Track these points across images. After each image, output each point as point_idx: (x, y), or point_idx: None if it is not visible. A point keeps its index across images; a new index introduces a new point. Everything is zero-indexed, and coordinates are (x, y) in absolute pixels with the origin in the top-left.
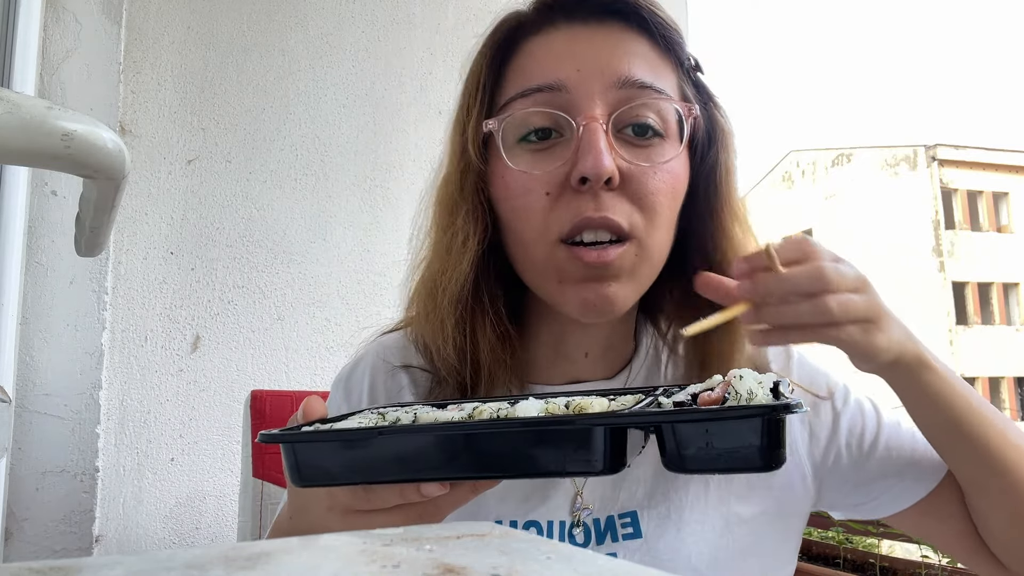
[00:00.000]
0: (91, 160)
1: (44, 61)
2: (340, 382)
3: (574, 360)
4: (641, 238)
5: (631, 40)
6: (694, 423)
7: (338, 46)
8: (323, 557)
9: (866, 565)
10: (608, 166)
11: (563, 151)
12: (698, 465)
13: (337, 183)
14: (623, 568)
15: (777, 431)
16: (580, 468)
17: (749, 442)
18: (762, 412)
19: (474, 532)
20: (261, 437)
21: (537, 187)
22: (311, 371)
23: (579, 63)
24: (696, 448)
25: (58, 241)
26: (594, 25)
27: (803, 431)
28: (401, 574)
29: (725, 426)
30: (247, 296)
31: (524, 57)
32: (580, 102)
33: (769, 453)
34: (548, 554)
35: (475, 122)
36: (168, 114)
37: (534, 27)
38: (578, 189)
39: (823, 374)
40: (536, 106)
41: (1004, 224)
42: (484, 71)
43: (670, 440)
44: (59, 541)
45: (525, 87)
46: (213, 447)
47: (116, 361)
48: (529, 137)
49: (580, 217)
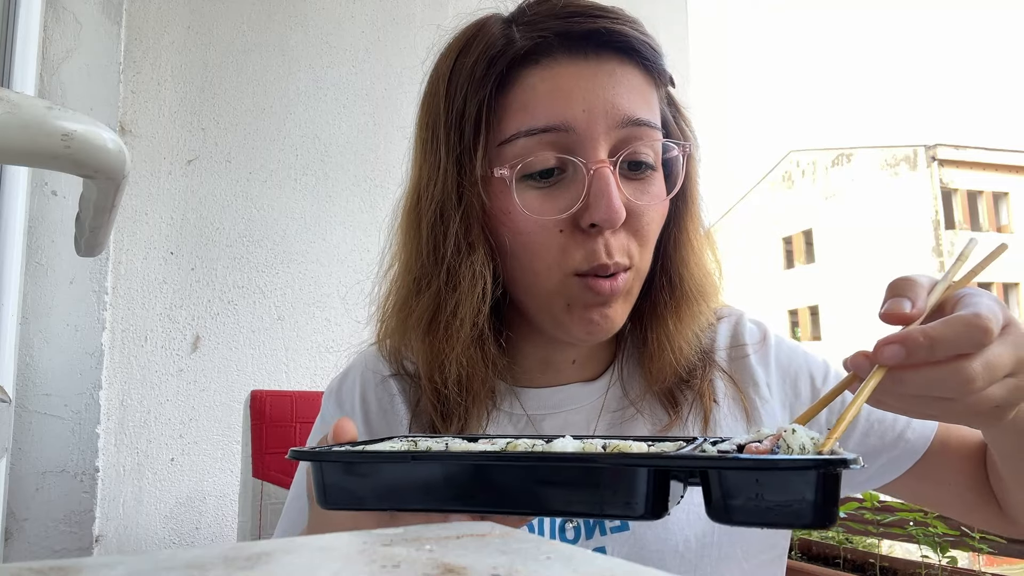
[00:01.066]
0: (91, 160)
1: (44, 61)
2: (331, 393)
3: (560, 368)
4: (637, 265)
5: (628, 74)
6: (744, 471)
7: (338, 46)
8: (323, 557)
9: (866, 565)
10: (622, 214)
11: (570, 189)
12: (745, 517)
13: (337, 183)
14: (623, 568)
15: (834, 486)
16: (619, 511)
17: (803, 496)
18: (818, 464)
19: (474, 532)
20: (291, 454)
21: (549, 225)
22: (311, 371)
23: (585, 103)
24: (745, 499)
25: (58, 241)
26: (594, 60)
27: (783, 412)
28: (401, 574)
29: (778, 476)
30: (247, 296)
31: (525, 91)
32: (587, 144)
33: (824, 509)
34: (548, 554)
35: (481, 163)
36: (168, 114)
37: (532, 57)
38: (588, 230)
39: (802, 354)
40: (543, 146)
41: (1004, 224)
42: (485, 108)
43: (716, 488)
44: (59, 541)
45: (532, 126)
46: (213, 447)
47: (116, 361)
48: (534, 176)
49: (596, 263)
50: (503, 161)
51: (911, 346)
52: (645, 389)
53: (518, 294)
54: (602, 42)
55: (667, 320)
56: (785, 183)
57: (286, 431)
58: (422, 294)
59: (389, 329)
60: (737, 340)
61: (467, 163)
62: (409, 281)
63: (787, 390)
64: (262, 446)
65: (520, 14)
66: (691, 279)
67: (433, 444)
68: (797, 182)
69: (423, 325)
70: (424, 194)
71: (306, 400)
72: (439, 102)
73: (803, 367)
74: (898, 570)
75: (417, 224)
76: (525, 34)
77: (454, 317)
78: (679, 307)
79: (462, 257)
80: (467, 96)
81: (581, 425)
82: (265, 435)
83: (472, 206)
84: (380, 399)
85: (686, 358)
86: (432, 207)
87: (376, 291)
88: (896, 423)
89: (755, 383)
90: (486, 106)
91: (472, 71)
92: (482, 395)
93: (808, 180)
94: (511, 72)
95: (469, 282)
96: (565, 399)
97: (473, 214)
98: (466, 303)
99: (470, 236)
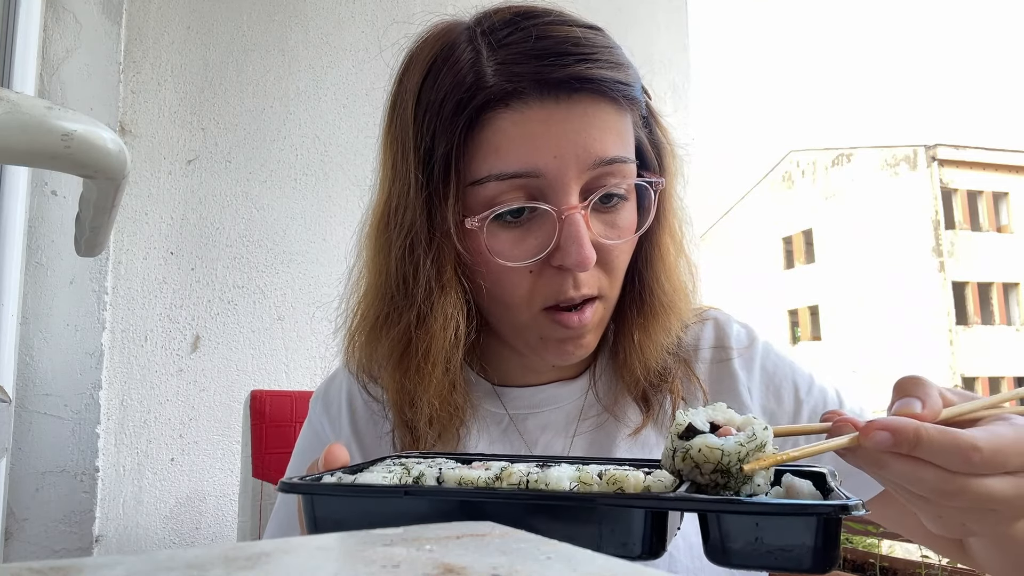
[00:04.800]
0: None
1: (44, 61)
2: (319, 398)
3: (540, 369)
4: (607, 295)
5: (600, 112)
6: (744, 515)
7: (338, 46)
8: (323, 557)
9: (866, 565)
10: (592, 259)
11: (541, 230)
12: (743, 560)
13: (337, 183)
14: (623, 568)
15: (834, 531)
16: (615, 551)
17: (803, 541)
18: (819, 511)
19: (474, 532)
20: (281, 487)
21: (520, 266)
22: (311, 371)
23: (555, 149)
24: (744, 542)
25: (58, 241)
26: (565, 103)
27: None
28: (401, 574)
29: (778, 521)
30: (247, 296)
31: (496, 134)
32: (558, 189)
33: (824, 555)
34: (548, 554)
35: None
36: (168, 114)
37: (502, 98)
38: (558, 268)
39: (788, 363)
40: (514, 190)
41: (1004, 224)
42: (454, 149)
43: (715, 530)
44: (59, 541)
45: (502, 171)
46: (213, 447)
47: (116, 361)
48: (504, 216)
49: (563, 297)
50: (473, 203)
51: (899, 439)
52: (619, 392)
53: (492, 322)
54: (575, 88)
55: (634, 335)
56: (785, 183)
57: (286, 431)
58: (392, 327)
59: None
60: (721, 342)
61: (437, 205)
62: (378, 307)
63: (769, 396)
64: (262, 446)
65: (489, 43)
66: (662, 294)
67: (425, 468)
68: (797, 182)
69: (393, 359)
70: (393, 220)
71: (306, 400)
72: (407, 124)
73: (788, 375)
74: (898, 570)
75: (387, 249)
76: (496, 75)
77: (426, 360)
78: (646, 323)
79: (433, 300)
80: (436, 134)
81: (562, 424)
82: (265, 435)
83: (443, 250)
84: (367, 401)
85: (655, 365)
86: (401, 238)
87: (346, 304)
88: None
89: (735, 386)
90: (455, 148)
91: (440, 109)
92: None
93: (808, 180)
94: (481, 113)
95: (441, 324)
96: (546, 399)
97: (446, 257)
98: (438, 345)
99: (442, 279)
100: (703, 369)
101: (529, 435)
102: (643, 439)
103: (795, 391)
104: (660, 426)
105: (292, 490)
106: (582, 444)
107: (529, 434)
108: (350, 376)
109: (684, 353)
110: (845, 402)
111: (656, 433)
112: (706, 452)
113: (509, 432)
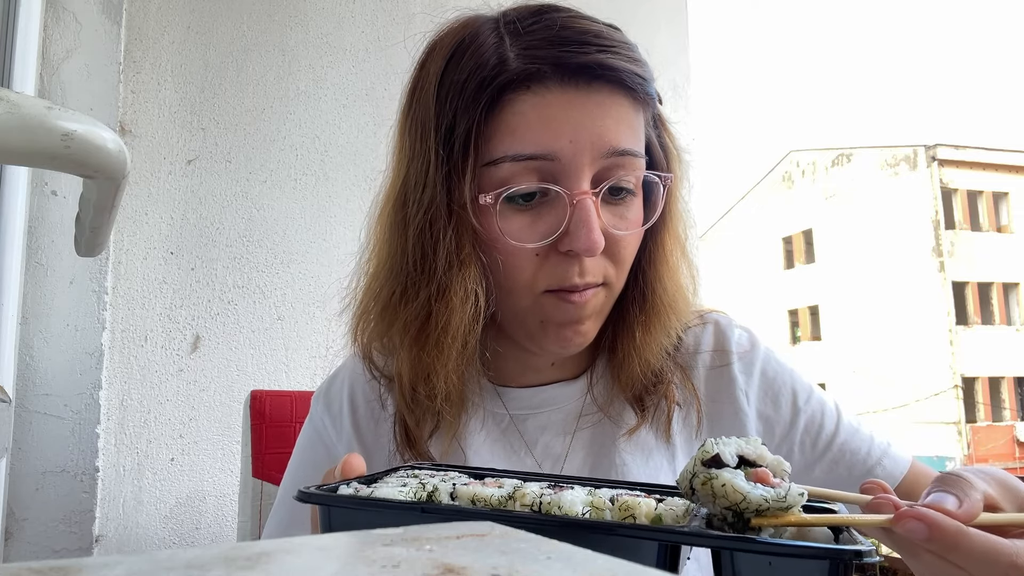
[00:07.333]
0: (91, 160)
1: (44, 61)
2: (320, 396)
3: (540, 369)
4: (611, 283)
5: (616, 104)
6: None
7: (338, 46)
8: (323, 557)
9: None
10: (600, 245)
11: (551, 214)
12: None
13: (337, 183)
14: (624, 568)
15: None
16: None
17: None
18: (833, 555)
19: (474, 532)
20: (299, 496)
21: (528, 248)
22: (311, 371)
23: (572, 134)
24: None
25: (58, 241)
26: (584, 90)
27: (758, 424)
28: (401, 574)
29: (791, 563)
30: (247, 296)
31: (515, 116)
32: (571, 174)
33: None
34: (548, 554)
35: (470, 186)
36: (168, 114)
37: (523, 81)
38: (565, 253)
39: (789, 370)
40: (528, 172)
41: (1004, 224)
42: (474, 128)
43: (727, 567)
44: (59, 541)
45: (518, 152)
46: (213, 447)
47: (116, 361)
48: (516, 199)
49: (568, 283)
50: (488, 183)
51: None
52: (616, 393)
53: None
54: (594, 75)
55: (636, 332)
56: (785, 183)
57: (286, 431)
58: (409, 302)
59: (367, 327)
60: (721, 345)
61: (456, 181)
62: (393, 284)
63: (767, 402)
64: (262, 446)
65: (513, 30)
66: (664, 294)
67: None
68: (797, 182)
69: (411, 334)
70: (412, 197)
71: (306, 400)
72: (428, 105)
73: (787, 383)
74: (898, 570)
75: (403, 227)
76: (519, 59)
77: (445, 333)
78: (648, 321)
79: (452, 274)
80: (457, 112)
81: (561, 425)
82: (265, 435)
83: (462, 225)
84: (369, 400)
85: (653, 367)
86: (420, 214)
87: (353, 284)
88: (868, 457)
89: (732, 390)
90: (475, 126)
91: (463, 88)
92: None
93: (808, 180)
94: (502, 94)
95: (461, 298)
96: (546, 400)
97: (464, 232)
98: (458, 319)
99: (461, 254)
100: (701, 372)
101: (529, 435)
102: (641, 440)
103: (793, 399)
104: (656, 428)
105: (309, 500)
106: (581, 444)
107: (529, 434)
108: (352, 373)
109: (682, 359)
110: (843, 417)
111: (653, 434)
112: (729, 490)
113: (509, 432)
